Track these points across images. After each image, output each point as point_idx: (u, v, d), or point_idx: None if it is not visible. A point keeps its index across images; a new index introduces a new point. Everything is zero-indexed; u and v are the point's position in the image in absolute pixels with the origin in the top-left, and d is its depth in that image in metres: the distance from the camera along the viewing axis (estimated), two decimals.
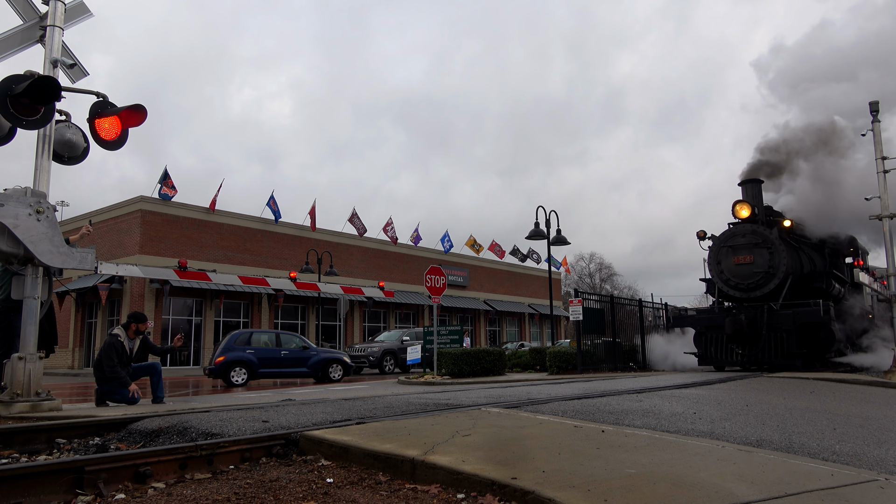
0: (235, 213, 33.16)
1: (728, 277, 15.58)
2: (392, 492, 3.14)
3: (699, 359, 15.62)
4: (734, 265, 15.46)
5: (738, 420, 5.38)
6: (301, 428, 4.43)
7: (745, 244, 15.37)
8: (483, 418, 4.90)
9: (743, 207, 15.61)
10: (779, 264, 14.80)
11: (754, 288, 15.12)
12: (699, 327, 15.73)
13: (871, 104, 18.94)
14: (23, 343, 6.53)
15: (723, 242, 15.79)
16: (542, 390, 8.17)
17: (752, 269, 15.16)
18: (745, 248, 15.37)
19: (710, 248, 16.08)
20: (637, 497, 2.68)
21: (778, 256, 14.84)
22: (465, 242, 44.39)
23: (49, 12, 7.29)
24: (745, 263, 15.27)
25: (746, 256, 15.28)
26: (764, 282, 14.97)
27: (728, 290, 15.64)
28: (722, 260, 15.73)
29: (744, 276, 15.28)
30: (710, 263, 16.03)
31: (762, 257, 15.06)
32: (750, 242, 15.30)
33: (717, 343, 15.05)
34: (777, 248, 14.91)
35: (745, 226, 15.56)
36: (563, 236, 20.21)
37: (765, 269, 14.96)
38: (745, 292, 15.27)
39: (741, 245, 15.46)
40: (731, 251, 15.57)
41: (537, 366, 17.42)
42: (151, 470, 3.42)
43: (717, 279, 15.89)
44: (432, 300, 16.13)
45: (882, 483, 3.04)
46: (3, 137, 6.77)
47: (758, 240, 15.20)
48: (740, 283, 15.35)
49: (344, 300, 27.98)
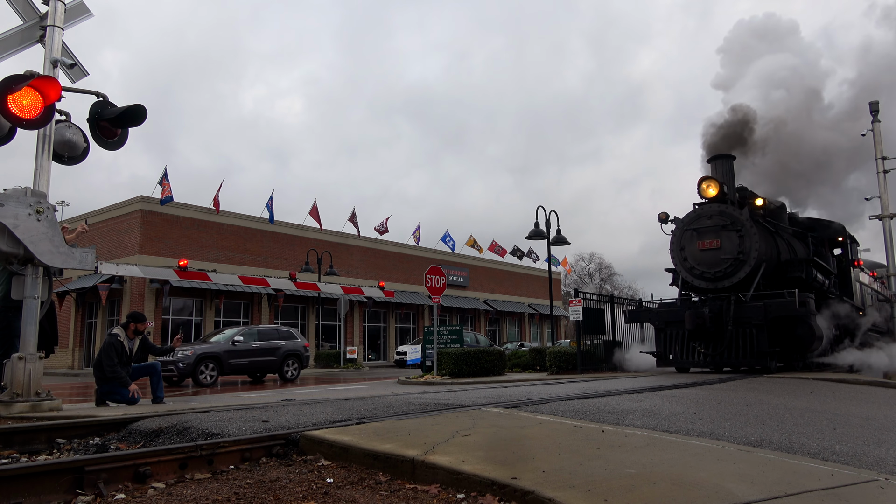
0: (236, 213, 33.15)
1: (692, 265, 13.58)
2: (392, 492, 3.14)
3: (657, 359, 13.80)
4: (699, 251, 13.47)
5: (738, 420, 5.38)
6: (301, 428, 4.42)
7: (712, 227, 13.34)
8: (483, 418, 4.90)
9: (710, 185, 13.53)
10: (750, 249, 12.85)
11: (722, 277, 13.16)
12: (658, 323, 13.75)
13: (871, 104, 18.98)
14: (23, 343, 6.53)
15: (687, 225, 13.74)
16: (542, 390, 8.17)
17: (719, 256, 13.16)
18: (712, 231, 13.34)
19: (672, 233, 14.10)
20: (637, 497, 2.68)
21: (749, 240, 12.90)
22: (465, 242, 44.43)
23: (49, 12, 7.29)
24: (712, 249, 13.27)
25: (713, 241, 13.26)
26: (733, 270, 13.02)
27: (692, 281, 13.65)
28: (686, 245, 13.74)
29: (710, 264, 13.30)
30: (672, 250, 14.03)
31: (731, 242, 13.08)
32: (717, 225, 13.28)
33: (679, 341, 13.14)
34: (748, 230, 12.94)
35: (712, 206, 13.51)
36: (563, 236, 20.22)
37: (734, 254, 12.96)
38: (711, 282, 13.32)
39: (707, 228, 13.42)
40: (695, 235, 13.56)
41: (537, 366, 17.42)
42: (151, 470, 3.42)
43: (680, 268, 13.93)
44: (432, 300, 16.13)
45: (882, 483, 3.04)
46: (3, 137, 6.77)
47: (726, 221, 13.20)
48: (706, 271, 13.36)
49: (344, 300, 28.00)
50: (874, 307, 19.13)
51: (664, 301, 14.83)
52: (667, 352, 13.40)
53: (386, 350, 39.75)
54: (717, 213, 13.38)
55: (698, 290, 13.82)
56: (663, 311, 13.92)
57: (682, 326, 12.90)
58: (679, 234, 13.88)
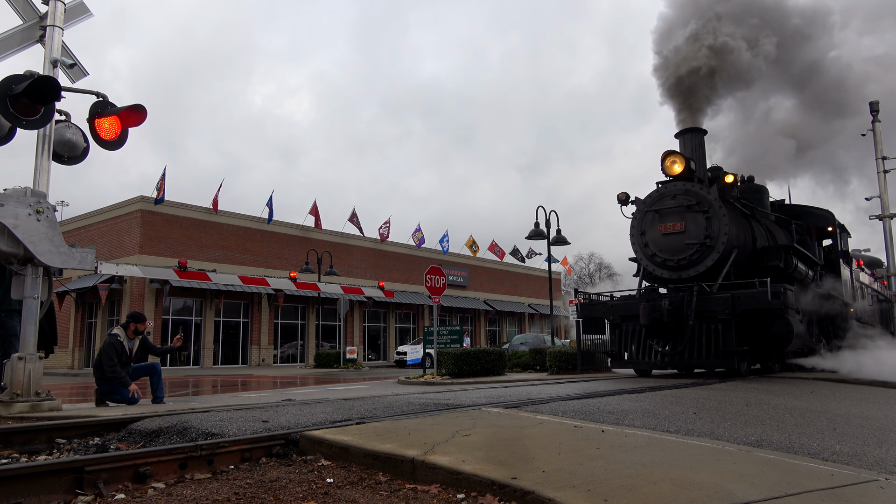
0: (236, 213, 33.17)
1: (653, 252, 11.84)
2: (392, 492, 3.14)
3: (610, 359, 12.36)
4: (661, 236, 11.75)
5: (738, 420, 5.38)
6: (301, 428, 4.42)
7: (676, 208, 11.62)
8: (483, 418, 4.90)
9: (675, 160, 11.72)
10: (718, 233, 11.17)
11: (687, 265, 11.44)
12: (612, 318, 12.05)
13: (871, 104, 18.97)
14: (23, 343, 6.53)
15: (648, 206, 12.01)
16: (542, 390, 8.17)
17: (683, 241, 11.45)
18: (675, 212, 11.62)
19: (633, 215, 12.37)
20: (637, 497, 2.68)
21: (717, 223, 11.20)
22: (465, 243, 44.44)
23: (49, 12, 7.29)
24: (675, 233, 11.56)
25: (677, 223, 11.55)
26: (699, 257, 11.31)
27: (654, 270, 11.93)
28: (647, 229, 12.00)
29: (673, 251, 11.58)
30: (632, 235, 12.31)
31: (697, 224, 11.37)
32: (681, 205, 11.56)
33: (637, 339, 11.47)
34: (716, 211, 11.26)
35: (677, 184, 11.80)
36: (563, 236, 20.24)
37: (700, 239, 11.28)
38: (674, 271, 11.61)
39: (670, 209, 11.69)
40: (657, 217, 11.85)
41: (537, 366, 17.41)
42: (151, 470, 3.41)
43: (640, 255, 12.18)
44: (432, 300, 16.14)
45: (882, 483, 3.04)
46: (3, 137, 6.78)
47: (691, 201, 11.49)
48: (668, 259, 11.63)
49: (344, 300, 27.99)
50: (867, 303, 18.02)
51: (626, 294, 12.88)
52: (622, 351, 11.83)
53: (386, 350, 39.77)
54: (682, 191, 11.66)
55: (660, 281, 12.23)
56: (619, 304, 12.09)
57: (639, 322, 11.24)
58: (640, 217, 12.19)
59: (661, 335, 11.13)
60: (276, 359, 33.78)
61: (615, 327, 12.00)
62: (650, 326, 10.97)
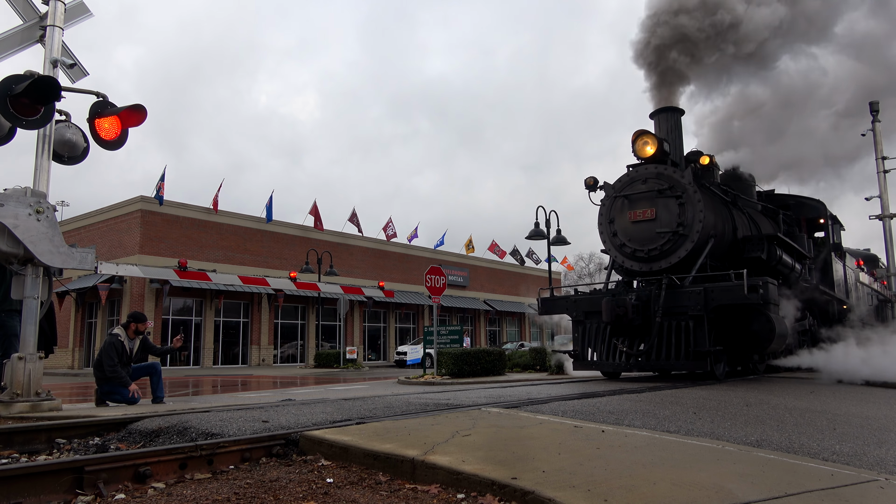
0: (236, 212, 33.18)
1: (623, 242, 10.81)
2: (392, 492, 3.14)
3: (573, 360, 11.23)
4: (630, 224, 10.74)
5: (738, 420, 5.38)
6: (301, 428, 4.42)
7: (646, 193, 10.60)
8: (483, 418, 4.90)
9: (647, 141, 10.65)
10: (692, 221, 10.15)
11: (658, 256, 10.41)
12: (576, 314, 10.91)
13: (872, 104, 18.95)
14: (23, 343, 6.53)
15: (617, 192, 10.97)
16: (542, 390, 8.17)
17: (654, 229, 10.44)
18: (646, 198, 10.60)
19: (602, 202, 11.31)
20: (637, 497, 2.68)
21: (691, 209, 10.19)
22: (464, 243, 44.46)
23: (49, 12, 7.29)
24: (645, 221, 10.56)
25: (647, 210, 10.57)
26: (671, 247, 10.28)
27: (623, 261, 10.92)
28: (616, 217, 10.96)
29: (643, 240, 10.55)
30: (601, 224, 11.26)
31: (669, 211, 10.37)
32: (652, 190, 10.53)
33: (602, 338, 10.43)
34: (690, 196, 10.23)
35: (648, 167, 10.74)
36: (563, 236, 20.24)
37: (672, 227, 10.25)
38: (645, 262, 10.61)
39: (640, 195, 10.66)
40: (626, 204, 10.81)
41: (537, 366, 17.42)
42: (151, 470, 3.42)
43: (609, 245, 11.15)
44: (432, 300, 16.14)
45: (882, 483, 3.04)
46: (3, 137, 6.78)
47: (663, 185, 10.44)
48: (638, 249, 10.58)
49: (344, 300, 28.01)
50: (863, 300, 17.43)
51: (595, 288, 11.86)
52: (585, 351, 10.81)
53: (386, 350, 39.78)
54: (654, 175, 10.64)
55: (631, 274, 11.21)
56: (581, 299, 11.00)
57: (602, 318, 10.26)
58: (609, 204, 11.14)
59: (627, 333, 10.17)
60: (276, 359, 33.79)
61: (578, 324, 10.94)
62: (614, 324, 9.98)
